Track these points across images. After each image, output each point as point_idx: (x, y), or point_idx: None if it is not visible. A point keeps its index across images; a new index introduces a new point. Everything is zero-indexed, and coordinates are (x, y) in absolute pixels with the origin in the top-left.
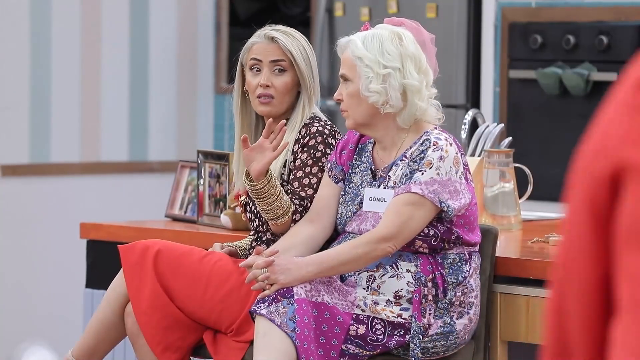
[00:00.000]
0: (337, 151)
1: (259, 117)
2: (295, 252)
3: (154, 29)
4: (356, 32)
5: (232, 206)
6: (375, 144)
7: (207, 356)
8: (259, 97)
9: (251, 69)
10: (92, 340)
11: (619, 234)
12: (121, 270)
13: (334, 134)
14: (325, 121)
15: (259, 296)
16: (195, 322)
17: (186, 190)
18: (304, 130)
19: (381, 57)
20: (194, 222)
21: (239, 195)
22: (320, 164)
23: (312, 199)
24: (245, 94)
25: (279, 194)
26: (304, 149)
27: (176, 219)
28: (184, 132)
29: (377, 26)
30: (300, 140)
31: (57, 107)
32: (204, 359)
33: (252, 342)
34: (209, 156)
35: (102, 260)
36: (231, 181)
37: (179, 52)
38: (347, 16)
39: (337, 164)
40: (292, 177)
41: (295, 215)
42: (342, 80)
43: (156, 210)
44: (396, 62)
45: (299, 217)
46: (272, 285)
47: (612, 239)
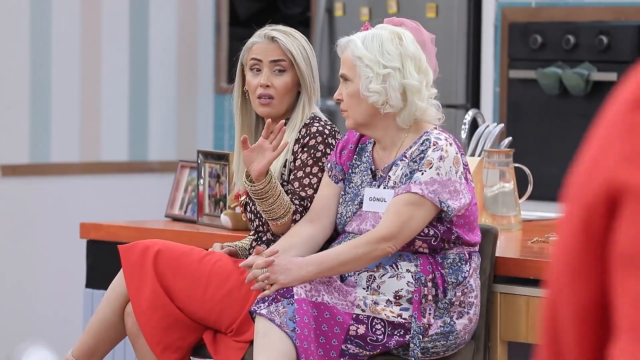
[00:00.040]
0: (337, 151)
1: (259, 117)
2: (295, 252)
3: (154, 29)
4: (356, 32)
5: (232, 206)
6: (375, 144)
7: (207, 356)
8: (259, 97)
9: (251, 69)
10: (92, 340)
11: (617, 256)
12: (121, 270)
13: (334, 134)
14: (325, 121)
15: (259, 296)
16: (195, 322)
17: (186, 190)
18: (304, 130)
19: (381, 57)
20: (194, 222)
21: (239, 195)
22: (320, 164)
23: (312, 199)
24: (245, 93)
25: (279, 194)
26: (304, 149)
27: (176, 219)
28: (184, 132)
29: (377, 26)
30: (300, 140)
31: (57, 107)
32: (204, 359)
33: (252, 342)
34: (209, 156)
35: (102, 260)
36: (231, 181)
37: (179, 52)
38: (347, 16)
39: (337, 164)
40: (292, 177)
41: (295, 215)
42: (342, 80)
43: (156, 210)
44: (396, 62)
45: (299, 217)
46: (272, 285)
47: (607, 260)
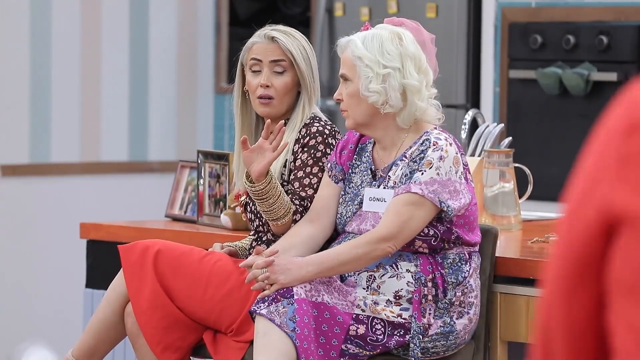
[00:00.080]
0: (337, 151)
1: (260, 117)
2: (295, 252)
3: (154, 29)
4: (356, 32)
5: (232, 206)
6: (375, 144)
7: (207, 356)
8: (260, 97)
9: (251, 69)
10: (92, 340)
11: (615, 283)
12: (121, 270)
13: (334, 134)
14: (325, 121)
15: (259, 296)
16: (195, 322)
17: (186, 190)
18: (304, 130)
19: (381, 57)
20: (194, 222)
21: (239, 195)
22: (320, 164)
23: (312, 199)
24: (245, 94)
25: (279, 194)
26: (304, 149)
27: (176, 219)
28: (184, 132)
29: (377, 26)
30: (300, 140)
31: (57, 107)
32: (204, 359)
33: (252, 342)
34: (209, 156)
35: (102, 260)
36: (231, 181)
37: (179, 52)
38: (347, 16)
39: (337, 164)
40: (292, 177)
41: (295, 215)
42: (342, 80)
43: (156, 210)
44: (396, 62)
45: (300, 217)
46: (272, 285)
47: (601, 284)
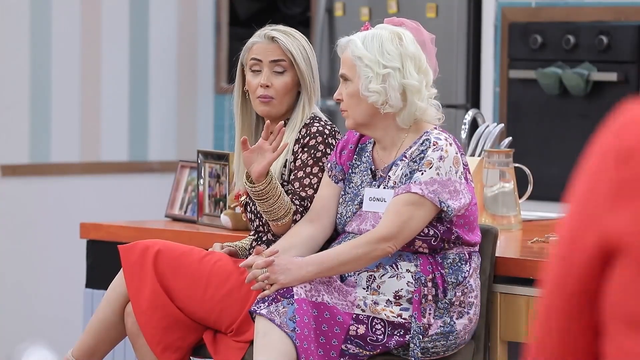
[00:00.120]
0: (337, 151)
1: (260, 117)
2: (295, 252)
3: (154, 29)
4: (356, 32)
5: (232, 206)
6: (375, 144)
7: (207, 356)
8: (260, 97)
9: (251, 69)
10: (92, 340)
11: (611, 312)
12: (121, 270)
13: (334, 134)
14: (325, 121)
15: (259, 296)
16: (195, 322)
17: (186, 190)
18: (304, 130)
19: (381, 57)
20: (194, 222)
21: (239, 195)
22: (320, 164)
23: (312, 199)
24: (245, 94)
25: (279, 195)
26: (305, 149)
27: (176, 219)
28: (184, 132)
29: (377, 26)
30: (300, 140)
31: (57, 107)
32: (204, 359)
33: (252, 342)
34: (209, 156)
35: (102, 260)
36: (231, 181)
37: (179, 52)
38: (347, 16)
39: (337, 164)
40: (292, 177)
41: (295, 215)
42: (342, 80)
43: (156, 210)
44: (396, 62)
45: (300, 217)
46: (272, 285)
47: (597, 314)
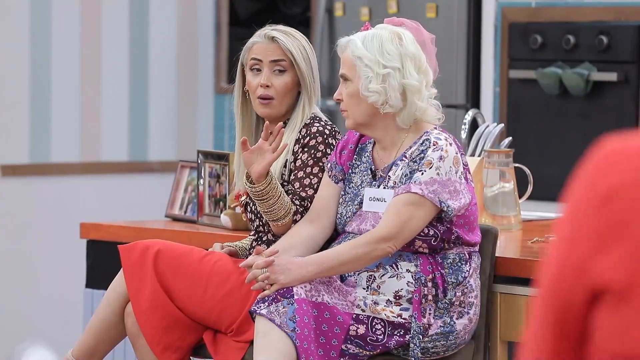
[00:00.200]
0: (337, 151)
1: (260, 117)
2: (295, 252)
3: (154, 29)
4: (356, 32)
5: (232, 206)
6: (375, 144)
7: (207, 356)
8: (260, 97)
9: (251, 69)
10: (92, 340)
11: (599, 353)
12: (121, 270)
13: (334, 134)
14: (325, 121)
15: (259, 296)
16: (195, 322)
17: (186, 190)
18: (304, 130)
19: (381, 57)
20: (194, 222)
21: (239, 195)
22: (320, 164)
23: (312, 199)
24: (245, 94)
25: (279, 195)
26: (305, 149)
27: (176, 219)
28: (184, 132)
29: (377, 26)
30: (300, 140)
31: (57, 107)
32: (204, 359)
33: (252, 342)
34: (209, 156)
35: (102, 260)
36: (231, 181)
37: (179, 52)
38: (347, 16)
39: (337, 164)
40: (292, 178)
41: (296, 215)
42: (342, 80)
43: (156, 210)
44: (396, 62)
45: (300, 217)
46: (272, 285)
47: (585, 353)
